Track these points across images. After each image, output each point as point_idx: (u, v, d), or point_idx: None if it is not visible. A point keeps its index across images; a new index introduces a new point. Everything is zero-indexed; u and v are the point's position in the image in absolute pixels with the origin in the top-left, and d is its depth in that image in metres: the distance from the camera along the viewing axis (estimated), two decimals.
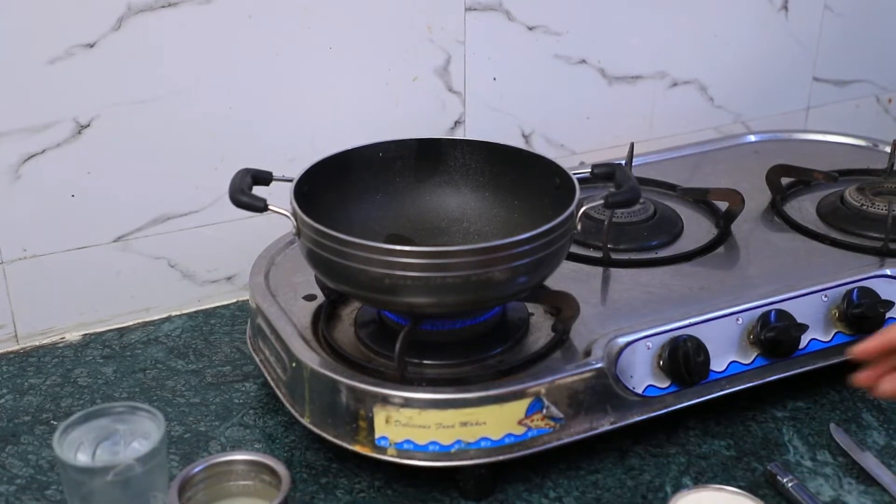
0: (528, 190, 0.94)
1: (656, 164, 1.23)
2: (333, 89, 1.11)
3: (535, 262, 0.81)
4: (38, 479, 0.87)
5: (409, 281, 0.79)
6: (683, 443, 0.90)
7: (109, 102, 1.01)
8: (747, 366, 0.91)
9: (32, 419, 0.94)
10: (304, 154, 1.04)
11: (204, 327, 1.09)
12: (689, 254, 1.02)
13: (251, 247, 1.03)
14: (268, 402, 0.96)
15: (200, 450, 0.90)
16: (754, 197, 1.12)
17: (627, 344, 0.86)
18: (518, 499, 0.84)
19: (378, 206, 0.97)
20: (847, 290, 0.94)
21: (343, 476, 0.87)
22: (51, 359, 1.03)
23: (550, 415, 0.83)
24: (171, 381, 1.00)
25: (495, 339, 0.89)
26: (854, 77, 1.44)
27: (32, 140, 0.99)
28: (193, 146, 1.06)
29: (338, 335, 0.91)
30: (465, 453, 0.81)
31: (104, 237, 1.06)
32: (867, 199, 1.09)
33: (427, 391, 0.81)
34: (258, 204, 0.83)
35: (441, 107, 1.17)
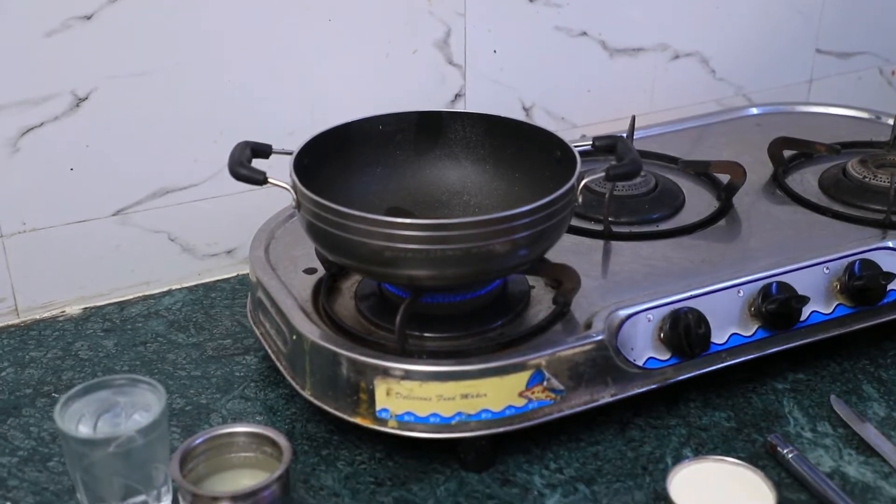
0: (529, 163, 0.93)
1: (658, 137, 1.22)
2: (333, 62, 1.10)
3: (536, 234, 0.81)
4: (40, 450, 0.87)
5: (409, 253, 0.78)
6: (684, 414, 0.91)
7: (107, 75, 1.00)
8: (748, 338, 0.91)
9: (34, 392, 0.94)
10: (303, 127, 1.03)
11: (204, 301, 1.09)
12: (691, 226, 1.02)
13: (251, 220, 1.03)
14: (269, 375, 0.96)
15: (202, 422, 0.90)
16: (756, 170, 1.12)
17: (628, 316, 0.86)
18: (519, 470, 0.85)
19: (378, 179, 0.96)
20: (849, 262, 0.94)
21: (344, 448, 0.87)
22: (51, 332, 1.03)
23: (551, 387, 0.83)
24: (171, 354, 1.00)
25: (496, 311, 0.89)
26: (857, 49, 1.43)
27: (30, 113, 0.98)
28: (192, 119, 1.06)
29: (338, 308, 0.90)
30: (466, 425, 0.81)
31: (103, 211, 1.06)
32: (869, 171, 1.08)
33: (428, 363, 0.81)
34: (258, 177, 0.83)
35: (441, 80, 1.17)
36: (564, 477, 0.84)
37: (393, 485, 0.83)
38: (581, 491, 0.83)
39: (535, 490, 0.83)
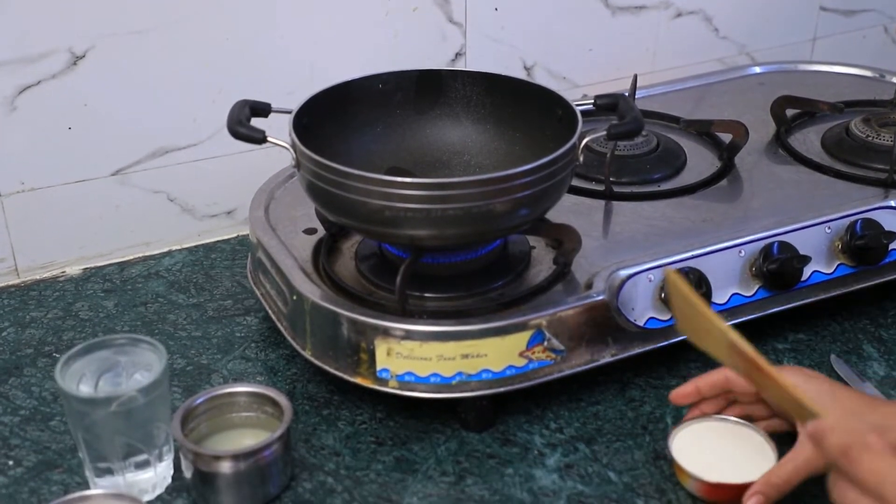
0: (530, 122, 0.93)
1: (659, 97, 1.21)
2: (332, 20, 1.09)
3: (537, 194, 0.81)
4: (42, 410, 0.87)
5: (409, 213, 0.78)
6: (684, 375, 0.91)
7: (105, 33, 0.99)
8: (749, 298, 0.91)
9: (35, 352, 0.94)
10: (302, 86, 1.02)
11: (204, 261, 1.09)
12: (692, 186, 1.01)
13: (251, 181, 1.03)
14: (269, 336, 0.96)
15: (203, 382, 0.90)
16: (758, 129, 1.11)
17: (629, 276, 0.86)
18: (519, 430, 0.85)
19: (378, 139, 0.96)
20: (850, 221, 0.94)
21: (345, 408, 0.87)
22: (52, 292, 1.03)
23: (551, 347, 0.83)
24: (172, 314, 1.00)
25: (496, 271, 0.88)
26: (862, 6, 1.42)
27: (27, 71, 0.98)
28: (191, 78, 1.05)
29: (338, 268, 0.90)
30: (467, 385, 0.81)
31: (102, 171, 1.05)
32: (873, 130, 1.08)
33: (428, 323, 0.81)
34: (257, 135, 0.83)
35: (441, 38, 1.16)
36: (565, 437, 0.84)
37: (393, 444, 0.84)
38: (581, 450, 0.83)
39: (536, 449, 0.83)
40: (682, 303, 0.75)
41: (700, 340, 0.76)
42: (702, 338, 0.76)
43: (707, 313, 0.73)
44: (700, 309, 0.73)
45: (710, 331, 0.73)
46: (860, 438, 0.64)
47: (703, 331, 0.74)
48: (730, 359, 0.74)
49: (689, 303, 0.74)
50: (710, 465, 0.77)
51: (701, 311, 0.73)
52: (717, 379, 0.81)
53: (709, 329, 0.73)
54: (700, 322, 0.74)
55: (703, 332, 0.75)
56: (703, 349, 0.76)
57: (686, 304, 0.75)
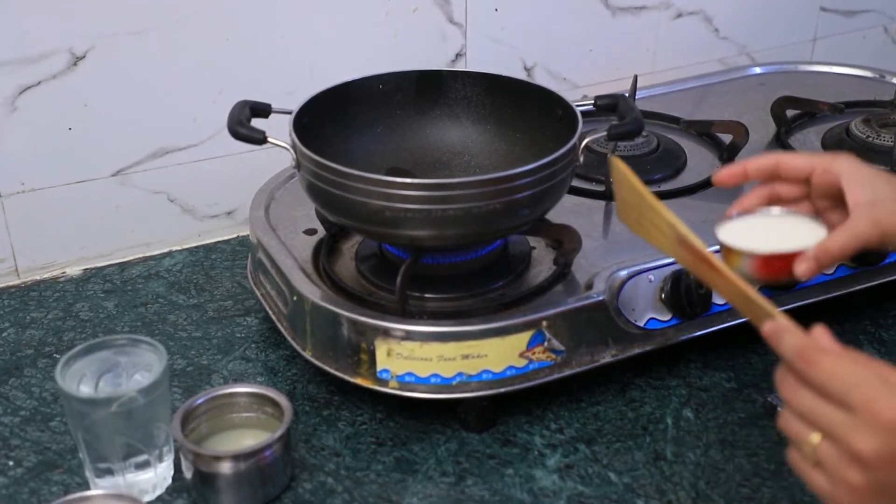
0: (530, 122, 0.93)
1: (660, 97, 1.21)
2: (332, 20, 1.09)
3: (537, 194, 0.81)
4: (42, 410, 0.87)
5: (409, 213, 0.78)
6: (684, 375, 0.91)
7: (105, 33, 0.99)
8: None
9: (35, 352, 0.94)
10: (303, 86, 1.02)
11: (205, 262, 1.09)
12: (693, 187, 1.01)
13: (251, 181, 1.03)
14: (269, 336, 0.96)
15: (203, 383, 0.90)
16: (759, 129, 1.11)
17: (629, 277, 0.86)
18: (519, 430, 0.85)
19: (378, 139, 0.96)
20: None
21: (345, 408, 0.87)
22: (52, 293, 1.03)
23: (552, 347, 0.83)
24: (172, 315, 1.00)
25: (497, 272, 0.89)
26: (862, 7, 1.42)
27: (27, 71, 0.98)
28: (191, 78, 1.05)
29: (339, 269, 0.90)
30: (467, 385, 0.81)
31: (103, 171, 1.05)
32: (873, 130, 1.08)
33: (428, 324, 0.81)
34: (257, 136, 0.83)
35: (442, 38, 1.16)
36: (565, 437, 0.84)
37: (394, 445, 0.84)
38: (581, 451, 0.83)
39: (536, 450, 0.83)
40: (627, 193, 0.71)
41: (646, 233, 0.71)
42: (648, 231, 0.71)
43: (655, 205, 0.68)
44: (648, 200, 0.68)
45: (657, 224, 0.69)
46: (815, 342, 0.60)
47: (650, 223, 0.70)
48: (677, 254, 0.70)
49: (635, 193, 0.69)
50: (762, 242, 0.72)
51: (649, 203, 0.68)
52: (767, 163, 0.76)
53: (656, 222, 0.69)
54: (646, 214, 0.69)
55: (650, 225, 0.70)
56: (647, 241, 0.72)
57: (631, 195, 0.70)
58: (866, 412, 0.55)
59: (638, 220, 0.72)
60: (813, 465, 0.59)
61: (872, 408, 0.55)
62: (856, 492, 0.56)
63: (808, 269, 0.70)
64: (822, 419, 0.58)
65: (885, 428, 0.55)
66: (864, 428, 0.55)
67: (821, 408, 0.58)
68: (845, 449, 0.56)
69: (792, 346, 0.61)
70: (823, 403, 0.58)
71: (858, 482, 0.56)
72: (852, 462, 0.56)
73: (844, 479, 0.56)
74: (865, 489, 0.56)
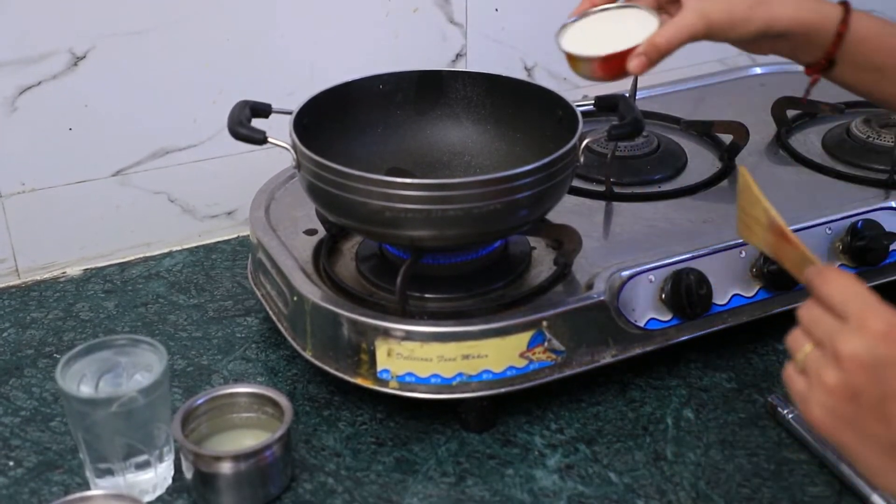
0: (531, 122, 0.93)
1: (660, 98, 1.21)
2: (333, 20, 1.09)
3: (537, 194, 0.81)
4: (43, 410, 0.87)
5: (409, 214, 0.78)
6: (684, 375, 0.91)
7: (105, 33, 0.99)
8: (749, 299, 0.91)
9: (35, 352, 0.94)
10: (303, 86, 1.02)
11: (205, 262, 1.09)
12: (693, 187, 1.01)
13: (251, 181, 1.03)
14: (270, 336, 0.96)
15: (203, 383, 0.90)
16: (759, 130, 1.11)
17: (630, 277, 0.86)
18: (519, 431, 0.85)
19: (379, 140, 0.96)
20: (851, 222, 0.94)
21: (345, 409, 0.87)
22: (52, 293, 1.03)
23: (552, 347, 0.83)
24: (172, 315, 1.00)
25: (497, 272, 0.88)
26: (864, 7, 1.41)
27: (28, 71, 0.98)
28: (191, 78, 1.05)
29: (339, 269, 0.90)
30: (467, 386, 0.81)
31: (103, 171, 1.05)
32: (873, 131, 1.08)
33: (429, 324, 0.81)
34: (257, 136, 0.83)
35: (442, 38, 1.16)
36: (565, 437, 0.84)
37: (394, 445, 0.84)
38: (582, 451, 0.83)
39: (536, 450, 0.83)
40: (745, 201, 0.72)
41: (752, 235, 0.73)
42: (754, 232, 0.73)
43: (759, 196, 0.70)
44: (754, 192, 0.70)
45: (758, 218, 0.70)
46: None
47: (754, 221, 0.71)
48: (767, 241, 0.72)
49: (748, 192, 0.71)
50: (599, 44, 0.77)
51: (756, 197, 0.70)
52: None
53: (756, 215, 0.71)
54: (751, 210, 0.71)
55: (753, 223, 0.72)
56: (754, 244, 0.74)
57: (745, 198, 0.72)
58: (857, 320, 0.58)
59: (747, 223, 0.73)
60: (799, 372, 0.61)
61: (863, 317, 0.58)
62: (829, 392, 0.58)
63: (639, 65, 0.76)
64: (818, 327, 0.61)
65: (871, 336, 0.57)
66: (850, 333, 0.58)
67: (821, 317, 0.61)
68: (829, 351, 0.59)
69: (814, 269, 0.64)
70: (825, 314, 0.61)
71: (832, 381, 0.58)
72: (831, 361, 0.59)
73: (820, 379, 0.59)
74: (837, 391, 0.58)
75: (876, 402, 0.57)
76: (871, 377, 0.57)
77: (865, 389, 0.57)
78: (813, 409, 0.60)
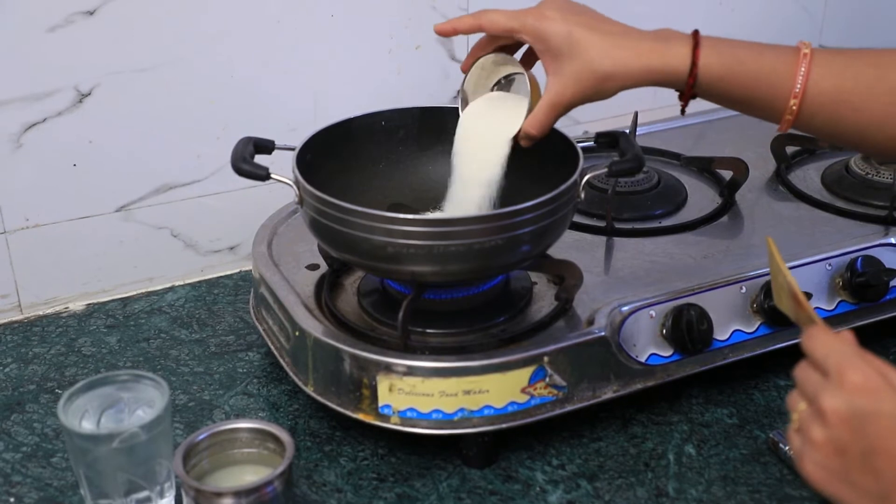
0: (531, 158, 0.93)
1: (660, 134, 1.22)
2: (335, 58, 1.10)
3: (539, 230, 0.81)
4: (44, 446, 0.87)
5: (411, 249, 0.78)
6: (686, 411, 0.91)
7: (110, 70, 1.00)
8: (750, 334, 0.91)
9: (37, 388, 0.94)
10: (306, 123, 1.03)
11: (207, 297, 1.09)
12: (693, 223, 1.02)
13: (254, 217, 1.03)
14: (271, 371, 0.96)
15: (205, 418, 0.90)
16: (759, 166, 1.12)
17: (631, 312, 0.86)
18: (521, 466, 0.85)
19: (381, 175, 0.96)
20: (851, 258, 0.94)
21: (347, 444, 0.87)
22: (55, 328, 1.03)
23: (553, 383, 0.83)
24: (174, 350, 1.00)
25: (498, 307, 0.89)
26: (860, 45, 1.42)
27: (33, 108, 0.99)
28: (195, 115, 1.06)
29: (341, 304, 0.91)
30: (469, 421, 0.81)
31: (106, 207, 1.06)
32: (872, 167, 1.08)
33: (430, 359, 0.81)
34: (260, 172, 0.83)
35: (444, 75, 1.17)
36: (567, 473, 0.84)
37: (395, 481, 0.83)
38: (583, 487, 0.83)
39: (538, 486, 0.83)
40: (774, 268, 0.74)
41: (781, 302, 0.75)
42: (782, 299, 0.74)
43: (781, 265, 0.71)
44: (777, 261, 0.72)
45: (782, 284, 0.72)
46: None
47: (780, 288, 0.73)
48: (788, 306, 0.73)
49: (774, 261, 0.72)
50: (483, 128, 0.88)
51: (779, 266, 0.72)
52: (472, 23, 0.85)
53: (780, 282, 0.72)
54: (778, 278, 0.73)
55: (781, 291, 0.73)
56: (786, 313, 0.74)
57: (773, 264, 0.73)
58: (836, 375, 0.60)
59: (776, 290, 0.75)
60: (795, 431, 0.63)
61: (840, 371, 0.60)
62: (818, 448, 0.60)
63: (527, 145, 0.86)
64: (807, 385, 0.62)
65: (848, 390, 0.59)
66: (831, 389, 0.60)
67: (809, 375, 0.63)
68: (815, 407, 0.61)
69: (807, 329, 0.66)
70: (812, 372, 0.63)
71: (819, 438, 0.60)
72: (817, 418, 0.60)
73: (809, 436, 0.61)
74: (825, 447, 0.60)
75: (861, 456, 0.59)
76: (853, 431, 0.59)
77: (850, 444, 0.59)
78: (806, 465, 0.61)
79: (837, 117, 0.80)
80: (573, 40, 0.80)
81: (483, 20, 0.84)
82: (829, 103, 0.80)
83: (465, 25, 0.86)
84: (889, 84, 0.79)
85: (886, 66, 0.80)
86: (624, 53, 0.80)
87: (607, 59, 0.80)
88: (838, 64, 0.80)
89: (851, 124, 0.81)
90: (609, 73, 0.81)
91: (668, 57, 0.80)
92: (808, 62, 0.80)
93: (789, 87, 0.80)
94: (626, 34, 0.82)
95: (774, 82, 0.80)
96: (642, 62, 0.81)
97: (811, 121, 0.81)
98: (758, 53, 0.81)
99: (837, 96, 0.80)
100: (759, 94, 0.81)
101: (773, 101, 0.81)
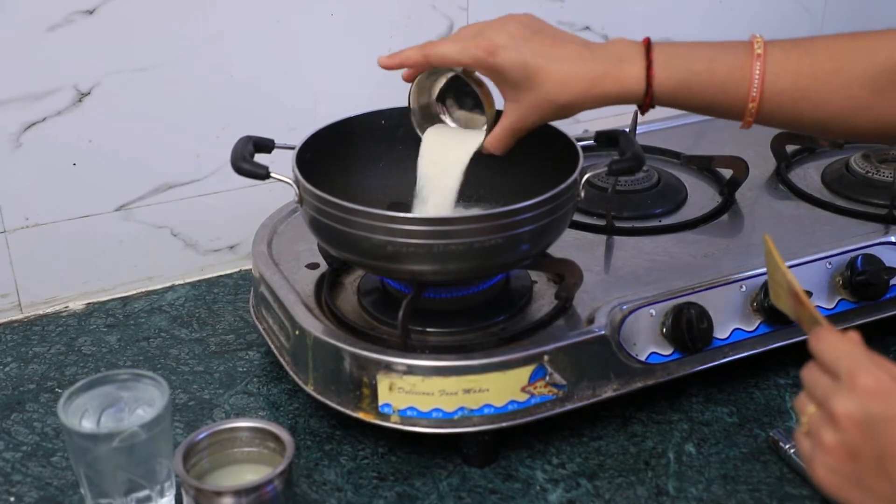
0: (531, 157, 0.93)
1: (660, 132, 1.22)
2: (335, 57, 1.10)
3: (539, 229, 0.81)
4: (44, 445, 0.87)
5: (411, 248, 0.78)
6: (686, 409, 0.91)
7: (110, 70, 1.00)
8: (750, 333, 0.91)
9: (37, 387, 0.95)
10: (306, 122, 1.03)
11: (207, 296, 1.09)
12: (693, 221, 1.02)
13: (253, 216, 1.03)
14: (271, 371, 0.96)
15: (205, 417, 0.90)
16: (759, 164, 1.12)
17: (631, 311, 0.86)
18: (521, 465, 0.85)
19: (381, 174, 0.96)
20: (851, 257, 0.94)
21: (347, 443, 0.87)
22: (55, 327, 1.03)
23: (553, 382, 0.83)
24: (174, 349, 1.00)
25: (498, 306, 0.89)
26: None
27: (33, 108, 0.99)
28: (195, 114, 1.06)
29: (341, 303, 0.91)
30: (469, 420, 0.81)
31: (106, 206, 1.06)
32: (872, 166, 1.08)
33: (430, 358, 0.81)
34: (260, 171, 0.83)
35: None
36: (567, 472, 0.84)
37: (395, 480, 0.83)
38: (583, 486, 0.83)
39: (538, 485, 0.83)
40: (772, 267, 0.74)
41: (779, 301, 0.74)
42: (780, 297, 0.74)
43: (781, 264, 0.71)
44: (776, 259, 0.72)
45: (781, 283, 0.72)
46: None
47: (779, 286, 0.73)
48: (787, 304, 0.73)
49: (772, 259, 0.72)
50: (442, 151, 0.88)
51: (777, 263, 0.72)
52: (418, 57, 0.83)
53: (780, 280, 0.72)
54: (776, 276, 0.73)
55: (779, 289, 0.73)
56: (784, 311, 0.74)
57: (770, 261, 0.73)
58: (848, 378, 0.60)
59: (774, 288, 0.74)
60: (805, 434, 0.62)
61: (853, 374, 0.60)
62: (829, 453, 0.60)
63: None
64: (817, 388, 0.62)
65: (861, 394, 0.59)
66: (843, 392, 0.60)
67: (819, 378, 0.62)
68: (826, 411, 0.60)
69: (813, 330, 0.65)
70: (822, 375, 0.62)
71: (830, 442, 0.60)
72: (828, 422, 0.60)
73: (820, 440, 0.60)
74: (837, 451, 0.59)
75: (875, 460, 0.58)
76: (866, 435, 0.58)
77: (863, 447, 0.59)
78: (818, 469, 0.61)
79: (797, 114, 0.80)
80: (529, 72, 0.80)
81: (432, 56, 0.82)
82: (787, 102, 0.80)
83: (411, 61, 0.84)
84: (846, 77, 0.79)
85: (842, 59, 0.79)
86: (580, 85, 0.80)
87: (565, 90, 0.80)
88: (793, 60, 0.80)
89: (812, 119, 0.81)
90: (568, 104, 0.81)
91: (623, 80, 0.80)
92: (762, 63, 0.79)
93: (745, 92, 0.79)
94: (579, 58, 0.80)
95: (730, 89, 0.80)
96: (597, 91, 0.80)
97: (772, 119, 0.81)
98: (711, 61, 0.81)
99: (795, 94, 0.79)
100: (717, 102, 0.81)
101: (732, 106, 0.80)
